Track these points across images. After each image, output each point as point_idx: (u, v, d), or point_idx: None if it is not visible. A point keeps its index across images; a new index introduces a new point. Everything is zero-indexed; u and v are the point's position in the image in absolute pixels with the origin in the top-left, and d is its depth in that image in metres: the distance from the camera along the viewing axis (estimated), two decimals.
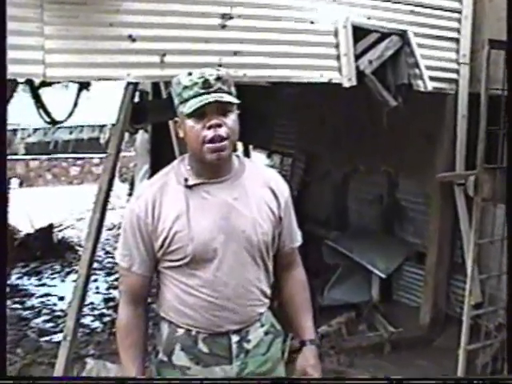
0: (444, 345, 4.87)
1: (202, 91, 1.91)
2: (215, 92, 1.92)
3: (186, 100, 1.93)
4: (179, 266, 2.03)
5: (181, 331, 2.08)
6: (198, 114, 1.92)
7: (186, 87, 1.94)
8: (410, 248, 5.79)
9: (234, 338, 2.08)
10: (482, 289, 4.52)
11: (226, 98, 1.93)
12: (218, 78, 1.94)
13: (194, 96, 1.92)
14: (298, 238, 2.27)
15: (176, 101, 1.99)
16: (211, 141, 1.93)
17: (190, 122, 1.95)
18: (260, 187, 2.11)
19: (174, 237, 2.00)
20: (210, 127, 1.93)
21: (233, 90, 1.99)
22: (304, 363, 2.23)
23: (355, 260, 5.80)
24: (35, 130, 15.68)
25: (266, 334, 2.17)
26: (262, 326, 2.16)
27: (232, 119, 1.97)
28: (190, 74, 1.95)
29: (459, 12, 4.56)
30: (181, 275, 2.04)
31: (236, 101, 1.96)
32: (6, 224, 2.70)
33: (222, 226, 2.01)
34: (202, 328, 2.06)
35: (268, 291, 2.16)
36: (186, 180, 2.03)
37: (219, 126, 1.93)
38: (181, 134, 2.02)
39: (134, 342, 2.10)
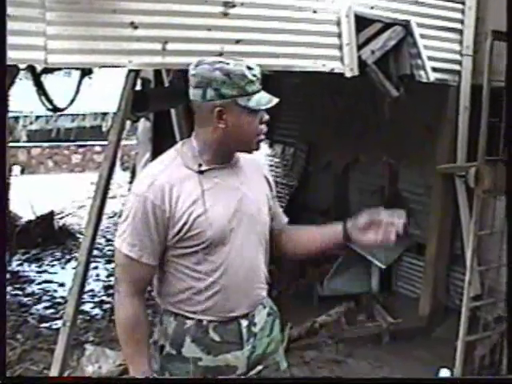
0: (443, 336, 4.89)
1: (261, 87, 1.99)
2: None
3: (249, 94, 1.95)
4: (194, 251, 2.00)
5: (190, 322, 2.04)
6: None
7: (251, 82, 1.96)
8: (410, 239, 5.79)
9: (244, 323, 2.08)
10: (482, 281, 4.52)
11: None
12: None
13: (258, 91, 1.97)
14: (284, 218, 2.32)
15: (234, 92, 1.94)
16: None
17: (248, 116, 1.97)
18: (255, 172, 2.17)
19: (194, 222, 1.97)
20: (264, 122, 2.02)
21: None
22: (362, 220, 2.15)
23: (355, 250, 5.80)
24: (37, 117, 15.68)
25: (269, 315, 2.19)
26: (265, 307, 2.17)
27: None
28: (249, 68, 1.97)
29: (463, 3, 4.54)
30: (192, 262, 2.01)
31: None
32: (5, 227, 2.69)
33: (235, 210, 2.04)
34: (214, 315, 2.04)
35: (267, 274, 2.19)
36: (200, 165, 2.02)
37: None
38: (222, 125, 1.97)
39: (144, 335, 2.05)
